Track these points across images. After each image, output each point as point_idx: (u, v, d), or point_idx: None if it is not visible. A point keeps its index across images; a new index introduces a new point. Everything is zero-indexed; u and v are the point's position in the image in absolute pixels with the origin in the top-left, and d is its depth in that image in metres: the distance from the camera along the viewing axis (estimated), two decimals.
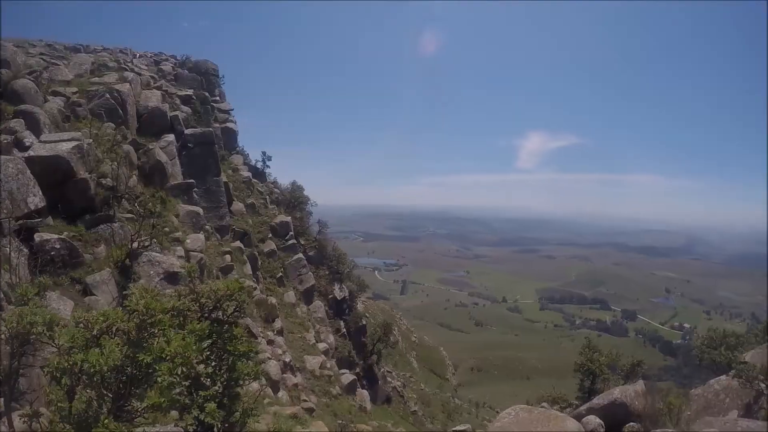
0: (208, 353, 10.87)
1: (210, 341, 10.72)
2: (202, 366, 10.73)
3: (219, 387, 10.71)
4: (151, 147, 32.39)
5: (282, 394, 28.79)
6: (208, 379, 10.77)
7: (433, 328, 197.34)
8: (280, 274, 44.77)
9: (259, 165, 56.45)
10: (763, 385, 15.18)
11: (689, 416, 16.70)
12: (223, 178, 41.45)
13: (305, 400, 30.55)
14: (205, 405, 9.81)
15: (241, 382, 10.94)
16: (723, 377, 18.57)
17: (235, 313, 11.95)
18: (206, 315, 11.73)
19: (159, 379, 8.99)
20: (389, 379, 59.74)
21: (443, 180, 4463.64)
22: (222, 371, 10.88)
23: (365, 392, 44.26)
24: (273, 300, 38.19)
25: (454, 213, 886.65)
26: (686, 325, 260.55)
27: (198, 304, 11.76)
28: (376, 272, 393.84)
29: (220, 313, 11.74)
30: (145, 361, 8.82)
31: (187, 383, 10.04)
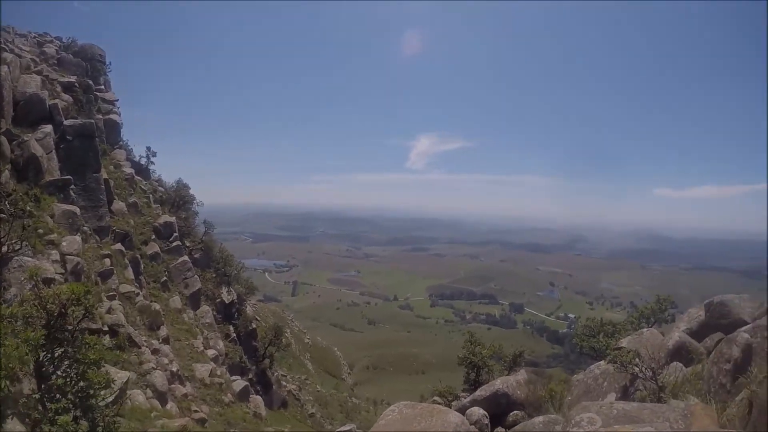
0: (53, 362, 10.14)
1: (61, 350, 10.08)
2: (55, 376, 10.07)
3: (72, 398, 9.95)
4: (26, 138, 29.71)
5: (171, 405, 26.78)
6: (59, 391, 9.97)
7: (327, 328, 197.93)
8: (165, 278, 41.95)
9: (143, 161, 52.36)
10: (636, 369, 15.70)
11: (570, 401, 17.70)
12: (104, 174, 38.21)
13: (196, 411, 28.81)
14: (56, 418, 9.18)
15: (92, 392, 10.16)
16: (602, 363, 19.26)
17: (85, 318, 11.02)
18: (52, 321, 9.91)
19: None
20: (284, 382, 58.61)
21: (334, 179, 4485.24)
22: (73, 382, 10.09)
23: (259, 398, 42.32)
24: (157, 306, 35.37)
25: (345, 213, 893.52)
26: (571, 315, 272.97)
27: (44, 310, 10.35)
28: (267, 274, 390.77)
29: (68, 319, 10.38)
30: None
31: (37, 395, 9.64)
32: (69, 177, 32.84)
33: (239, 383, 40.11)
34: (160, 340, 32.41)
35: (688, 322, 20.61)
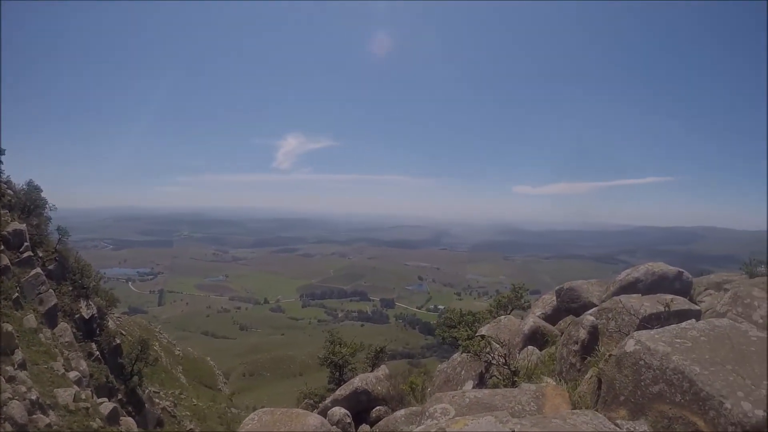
0: None
1: None
2: None
3: None
4: None
5: None
6: None
7: (197, 337, 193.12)
8: (17, 294, 38.93)
9: None
10: (489, 356, 16.14)
11: (431, 391, 17.96)
12: None
13: None
14: None
15: None
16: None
17: None
18: None
19: None
20: (157, 399, 56.08)
21: (198, 180, 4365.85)
22: None
23: (131, 419, 40.45)
24: (9, 327, 33.12)
25: (210, 214, 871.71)
26: (440, 307, 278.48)
27: None
28: (130, 283, 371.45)
29: None
30: None
31: None
32: None
33: (107, 406, 38.30)
34: (16, 366, 30.45)
35: (543, 308, 21.78)
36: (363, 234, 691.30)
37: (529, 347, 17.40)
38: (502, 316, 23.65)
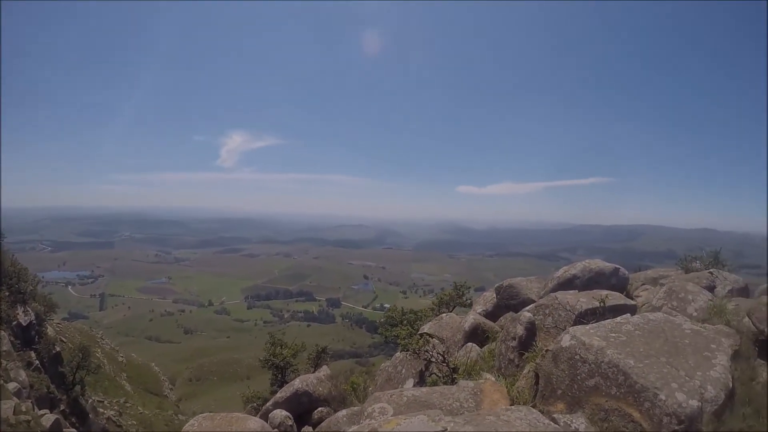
0: None
1: None
2: None
3: None
4: None
5: None
6: None
7: (141, 343, 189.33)
8: None
9: None
10: (429, 354, 16.36)
11: (372, 391, 17.99)
12: None
13: None
14: None
15: None
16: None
17: None
18: None
19: None
20: (101, 409, 54.47)
21: (139, 178, 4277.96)
22: None
23: (74, 431, 39.49)
24: None
25: (152, 214, 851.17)
26: (386, 305, 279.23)
27: None
28: (70, 287, 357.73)
29: None
30: None
31: None
32: None
33: (49, 417, 37.21)
34: None
35: (484, 305, 22.03)
36: (308, 234, 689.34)
37: (469, 344, 17.52)
38: (444, 314, 23.82)
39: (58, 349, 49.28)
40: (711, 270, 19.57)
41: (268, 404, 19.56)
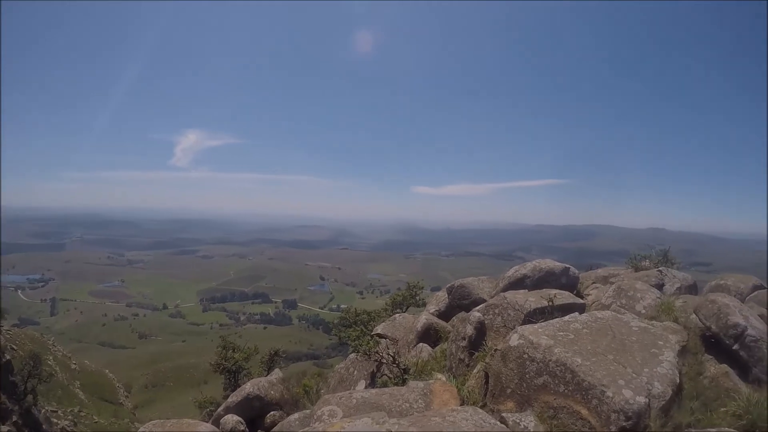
0: None
1: None
2: None
3: None
4: None
5: None
6: None
7: (95, 349, 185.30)
8: None
9: None
10: (379, 355, 16.50)
11: (325, 393, 17.68)
12: None
13: None
14: None
15: None
16: None
17: None
18: None
19: None
20: (55, 419, 53.38)
21: (90, 176, 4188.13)
22: None
23: None
24: None
25: (104, 214, 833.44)
26: (343, 306, 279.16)
27: None
28: (20, 292, 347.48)
29: None
30: None
31: None
32: None
33: (1, 430, 36.51)
34: None
35: (437, 304, 22.19)
36: (263, 234, 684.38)
37: (421, 344, 17.75)
38: (398, 314, 24.03)
39: (8, 357, 47.98)
40: (660, 268, 20.01)
41: (219, 409, 19.36)
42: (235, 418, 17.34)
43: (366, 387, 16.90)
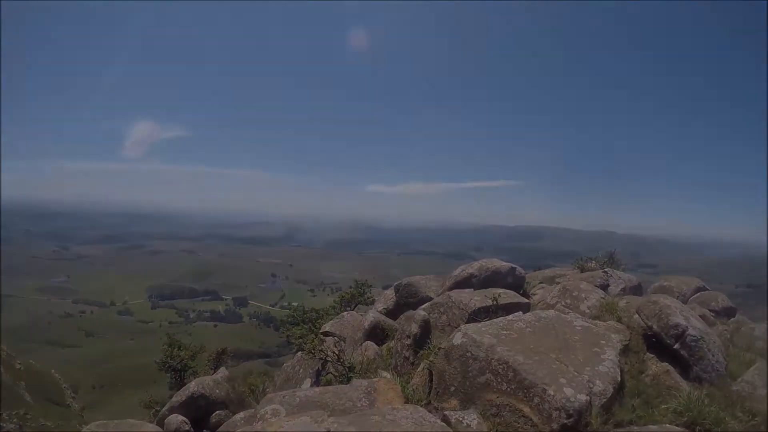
0: None
1: None
2: None
3: None
4: None
5: None
6: None
7: (40, 348, 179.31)
8: None
9: None
10: (323, 354, 16.77)
11: (270, 392, 17.97)
12: None
13: None
14: None
15: None
16: None
17: None
18: None
19: None
20: (0, 423, 51.87)
21: (33, 166, 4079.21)
22: None
23: None
24: None
25: (50, 207, 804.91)
26: (294, 304, 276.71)
27: None
28: None
29: None
30: None
31: None
32: None
33: None
34: None
35: (385, 303, 22.33)
36: (214, 230, 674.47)
37: (367, 342, 17.79)
38: (346, 312, 24.20)
39: None
40: (606, 269, 20.50)
41: (164, 409, 19.03)
42: (180, 418, 17.08)
43: (311, 385, 16.92)
